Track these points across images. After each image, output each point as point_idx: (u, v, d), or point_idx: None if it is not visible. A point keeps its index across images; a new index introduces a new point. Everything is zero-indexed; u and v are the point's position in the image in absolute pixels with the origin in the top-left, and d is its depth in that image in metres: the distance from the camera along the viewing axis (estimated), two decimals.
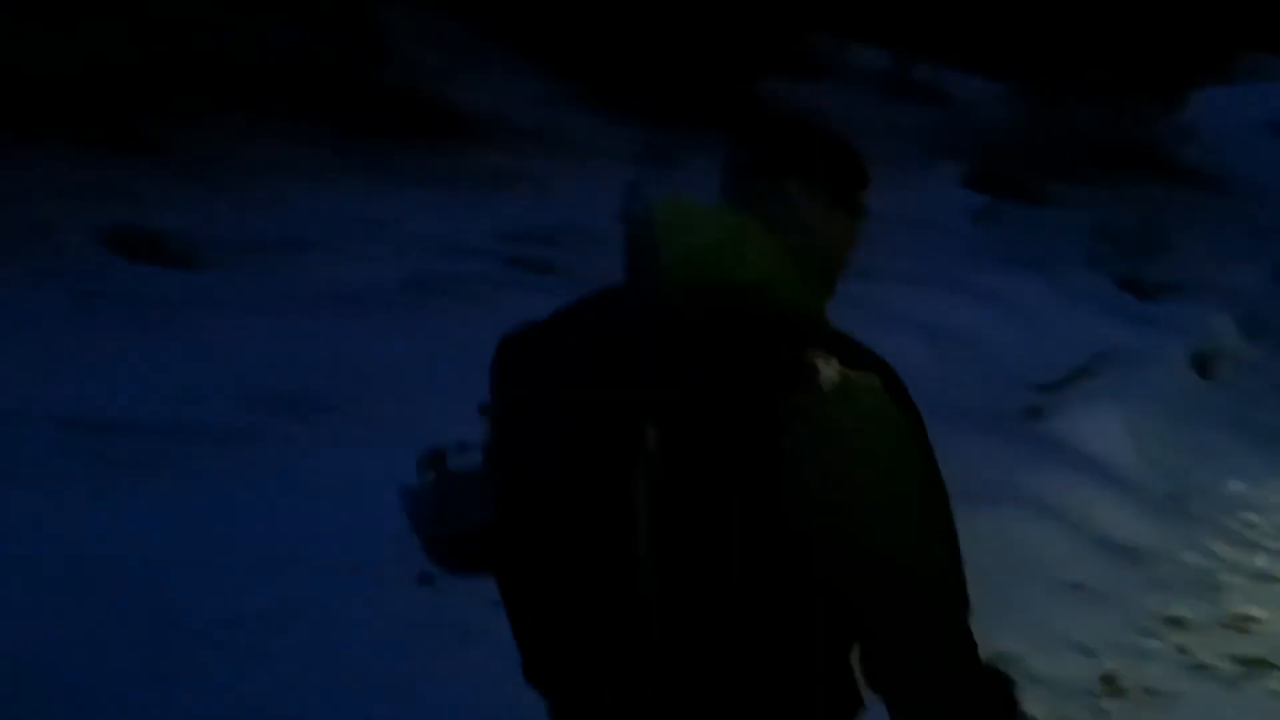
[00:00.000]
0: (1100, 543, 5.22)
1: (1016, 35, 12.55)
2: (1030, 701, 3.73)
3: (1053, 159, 12.00)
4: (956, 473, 4.50)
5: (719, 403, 1.14)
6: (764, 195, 1.37)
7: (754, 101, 11.92)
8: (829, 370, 1.14)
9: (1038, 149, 11.94)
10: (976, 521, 5.16)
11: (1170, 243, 9.60)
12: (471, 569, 1.47)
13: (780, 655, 1.20)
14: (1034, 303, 7.74)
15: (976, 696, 1.22)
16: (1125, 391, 6.43)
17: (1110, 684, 4.28)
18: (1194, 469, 6.15)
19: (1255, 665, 4.49)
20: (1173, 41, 13.28)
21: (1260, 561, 5.40)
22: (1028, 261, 9.19)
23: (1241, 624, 4.81)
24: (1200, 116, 13.91)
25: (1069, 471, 5.75)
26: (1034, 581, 4.82)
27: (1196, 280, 9.54)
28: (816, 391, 1.13)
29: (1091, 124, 12.82)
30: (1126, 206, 10.19)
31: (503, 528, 1.34)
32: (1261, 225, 12.48)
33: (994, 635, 4.34)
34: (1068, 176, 11.87)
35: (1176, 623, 4.80)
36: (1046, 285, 8.11)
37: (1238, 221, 12.49)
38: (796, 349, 1.15)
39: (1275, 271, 10.68)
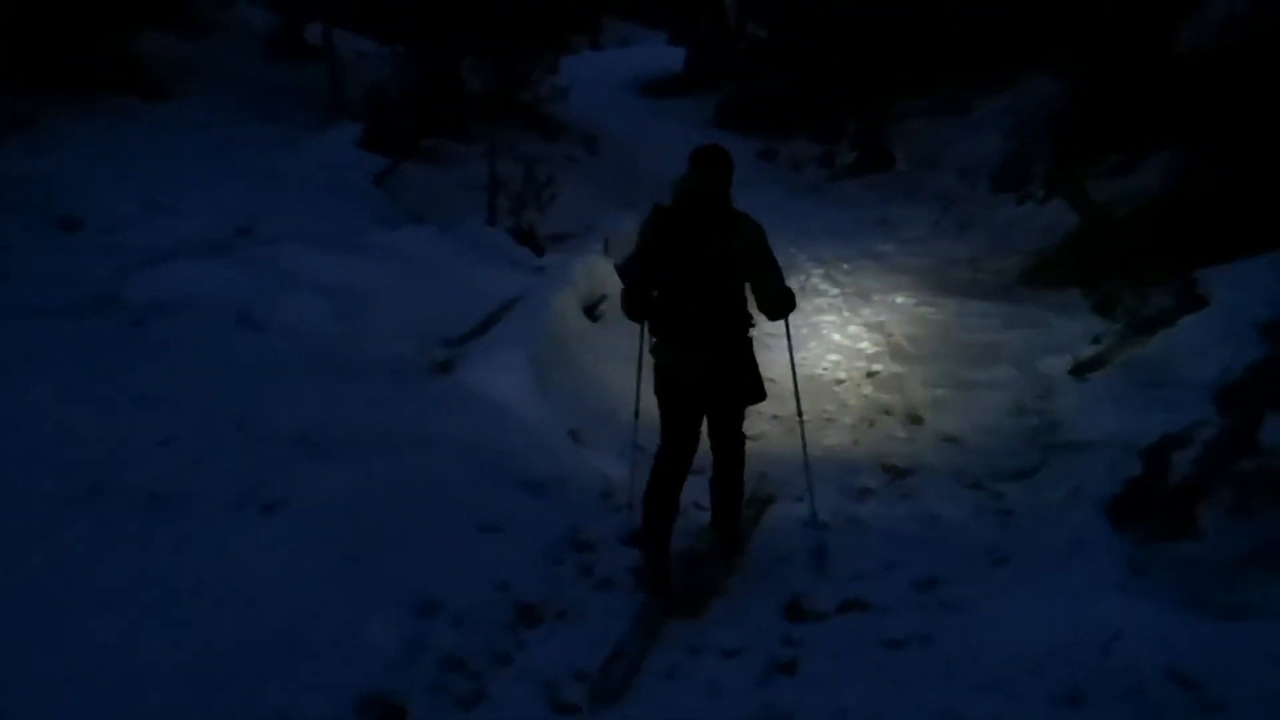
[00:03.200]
0: (512, 480, 5.50)
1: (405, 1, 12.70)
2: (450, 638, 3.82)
3: (444, 119, 12.34)
4: (375, 422, 4.49)
5: (726, 231, 4.51)
6: (708, 173, 4.59)
7: (128, 59, 10.92)
8: (744, 219, 4.56)
9: (430, 110, 12.21)
10: (396, 465, 5.22)
11: (555, 195, 10.33)
12: (629, 285, 4.80)
13: (736, 295, 4.62)
14: (437, 260, 7.91)
15: (785, 293, 4.66)
16: (526, 338, 6.80)
17: (527, 614, 4.55)
18: (588, 403, 6.69)
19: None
20: (549, 12, 14.21)
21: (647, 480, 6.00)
22: (428, 219, 9.39)
23: (635, 539, 5.31)
24: (572, 78, 15.05)
25: (481, 416, 5.99)
26: (453, 522, 4.98)
27: (581, 228, 10.36)
28: (744, 226, 4.54)
29: (479, 86, 13.37)
30: (516, 164, 10.77)
31: (656, 267, 4.62)
32: (629, 174, 13.86)
33: (419, 580, 4.43)
34: (459, 136, 12.30)
35: (583, 545, 5.21)
36: (448, 242, 8.33)
37: (608, 172, 13.78)
38: (738, 215, 4.56)
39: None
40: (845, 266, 11.21)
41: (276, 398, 5.58)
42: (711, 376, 4.69)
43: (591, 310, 8.08)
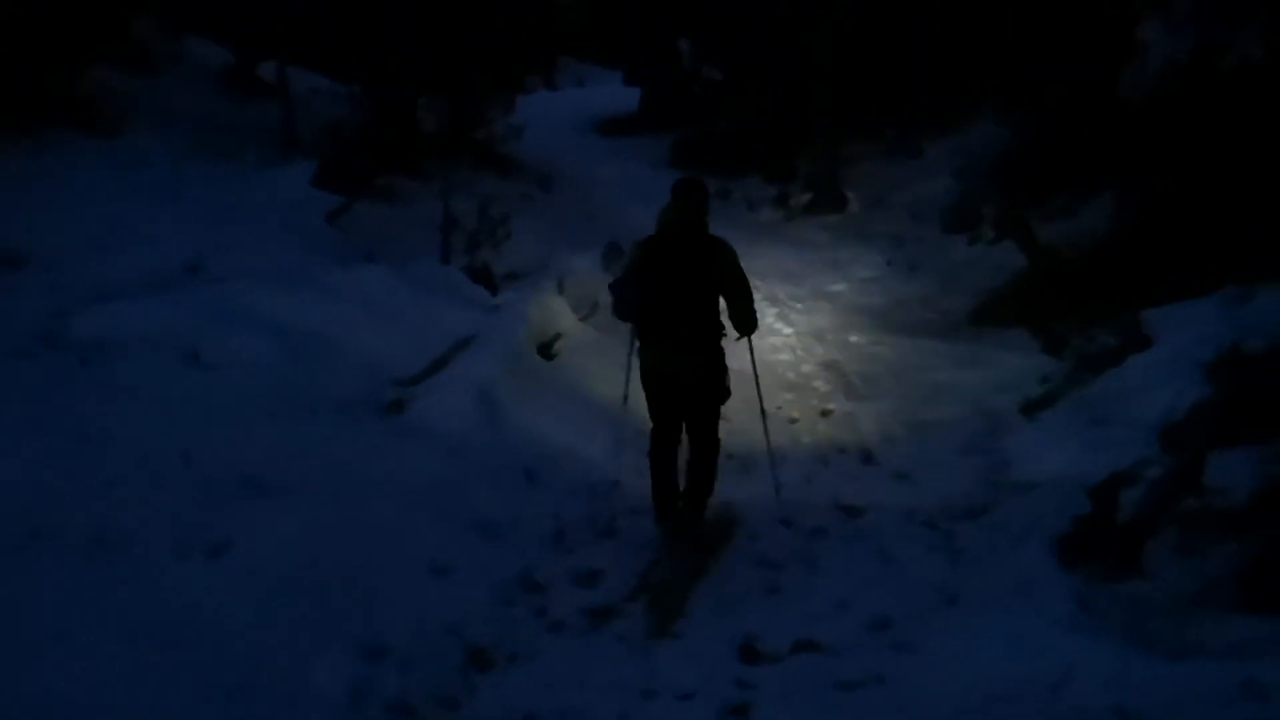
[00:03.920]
0: (463, 521, 5.45)
1: (361, 39, 12.66)
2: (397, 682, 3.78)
3: (399, 157, 12.31)
4: (324, 463, 4.44)
5: (704, 252, 5.39)
6: (689, 204, 5.50)
7: (77, 95, 10.80)
8: (720, 243, 5.43)
9: (385, 148, 12.17)
10: (345, 506, 5.16)
11: (510, 233, 10.32)
12: (622, 297, 5.50)
13: (711, 308, 5.44)
14: (390, 299, 7.85)
15: (753, 313, 5.54)
16: (478, 377, 6.77)
17: (478, 657, 4.49)
18: (543, 442, 6.65)
19: (602, 614, 4.97)
20: (505, 52, 14.24)
21: (603, 520, 5.99)
22: (382, 258, 9.34)
23: (589, 579, 5.29)
24: (527, 117, 15.07)
25: (431, 456, 5.94)
26: (402, 564, 4.92)
27: (536, 267, 10.34)
28: (720, 249, 5.40)
29: (434, 124, 13.35)
30: (471, 202, 10.75)
31: (644, 284, 5.39)
32: (584, 213, 13.91)
33: (366, 623, 4.37)
34: (414, 174, 12.26)
35: (536, 586, 5.17)
36: (401, 281, 8.27)
37: (563, 210, 13.81)
38: (714, 239, 5.44)
39: (603, 257, 11.92)
40: (799, 306, 11.29)
41: (224, 438, 5.50)
42: (688, 375, 5.50)
43: (546, 348, 8.07)
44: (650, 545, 5.69)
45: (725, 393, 5.66)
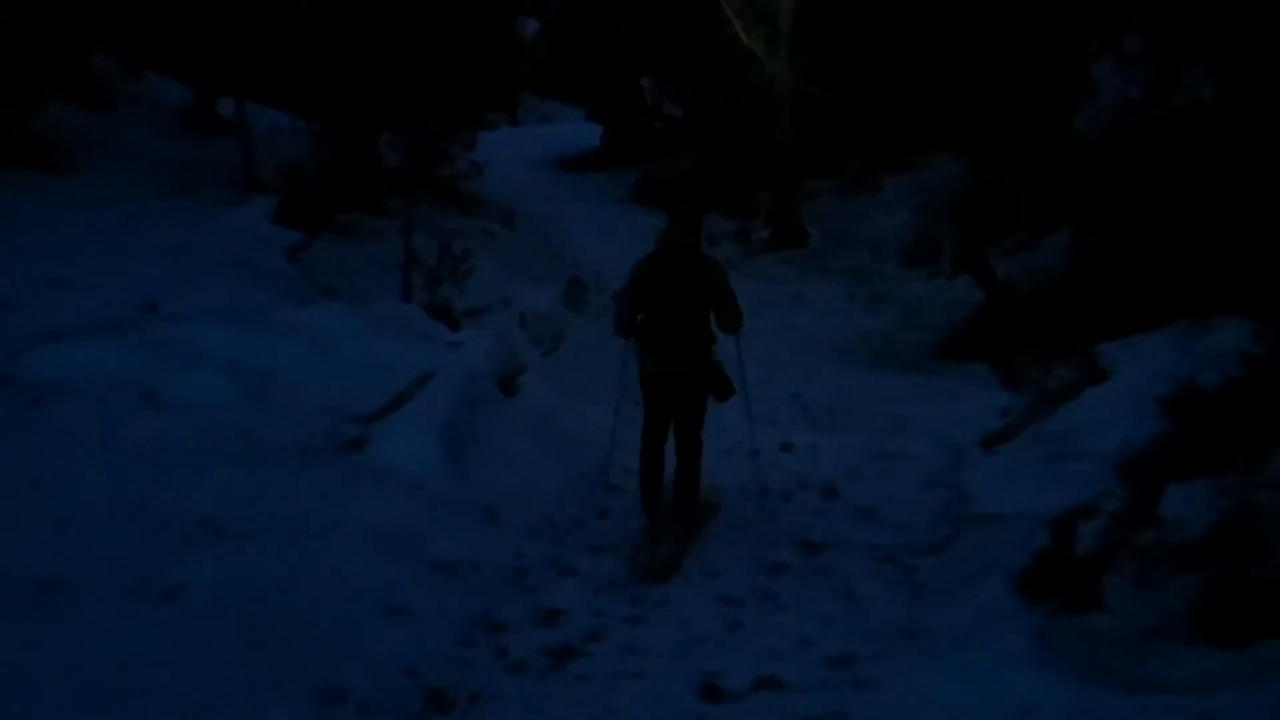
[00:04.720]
0: (422, 560, 5.40)
1: (321, 76, 12.64)
2: None
3: (360, 194, 12.28)
4: (281, 504, 4.37)
5: (696, 271, 6.14)
6: (684, 228, 6.23)
7: (32, 133, 10.70)
8: (712, 262, 6.25)
9: (346, 185, 12.13)
10: (302, 547, 5.08)
11: (472, 270, 10.30)
12: (619, 311, 6.32)
13: (703, 318, 6.15)
14: (351, 337, 7.79)
15: (739, 314, 6.24)
16: (438, 414, 6.72)
17: (438, 699, 4.43)
18: (505, 479, 6.61)
19: (563, 654, 4.92)
20: (468, 89, 14.30)
21: (565, 558, 5.96)
22: (342, 295, 9.29)
23: (550, 618, 5.25)
24: (490, 154, 15.11)
25: (390, 496, 5.88)
26: (360, 606, 4.86)
27: (496, 303, 10.34)
28: (711, 266, 6.19)
29: (396, 161, 13.33)
30: (432, 239, 10.72)
31: (644, 296, 6.18)
32: (546, 249, 13.94)
33: (324, 667, 4.30)
34: (375, 211, 12.23)
35: (497, 626, 5.11)
36: (362, 318, 8.22)
37: (525, 247, 13.83)
38: (706, 258, 6.27)
39: (564, 293, 11.95)
40: (761, 340, 11.32)
41: (179, 480, 5.41)
42: (682, 378, 6.21)
43: (507, 384, 8.03)
44: (612, 585, 5.66)
45: (729, 390, 6.40)
